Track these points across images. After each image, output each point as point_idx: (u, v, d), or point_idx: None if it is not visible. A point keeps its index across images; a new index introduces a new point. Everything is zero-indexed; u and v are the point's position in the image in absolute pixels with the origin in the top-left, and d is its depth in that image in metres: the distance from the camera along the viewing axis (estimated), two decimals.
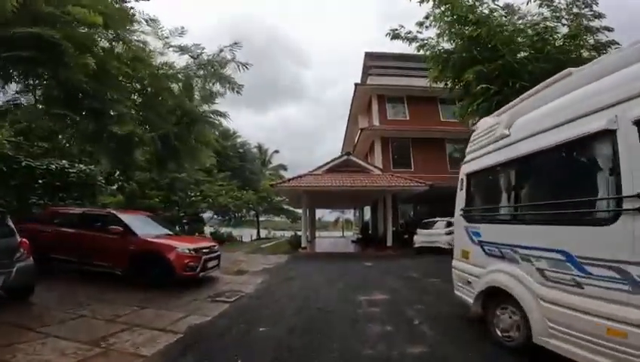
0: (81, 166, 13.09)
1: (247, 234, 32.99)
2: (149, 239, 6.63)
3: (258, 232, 34.97)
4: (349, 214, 41.82)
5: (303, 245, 15.60)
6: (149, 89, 8.42)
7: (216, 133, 31.33)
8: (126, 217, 7.11)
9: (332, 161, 16.28)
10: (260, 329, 4.30)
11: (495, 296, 3.47)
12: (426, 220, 13.99)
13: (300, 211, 21.69)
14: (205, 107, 10.48)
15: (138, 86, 7.79)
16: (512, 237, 3.21)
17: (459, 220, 4.32)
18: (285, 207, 32.02)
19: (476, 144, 4.31)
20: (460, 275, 4.23)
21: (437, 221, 13.69)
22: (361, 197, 18.38)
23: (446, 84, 10.18)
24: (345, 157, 16.35)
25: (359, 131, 21.01)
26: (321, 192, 15.75)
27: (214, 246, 7.57)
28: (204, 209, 17.99)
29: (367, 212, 27.33)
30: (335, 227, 48.46)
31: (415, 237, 13.55)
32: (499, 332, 3.44)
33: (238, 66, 8.30)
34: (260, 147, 41.06)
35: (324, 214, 44.64)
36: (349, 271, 8.97)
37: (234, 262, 11.25)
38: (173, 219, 15.48)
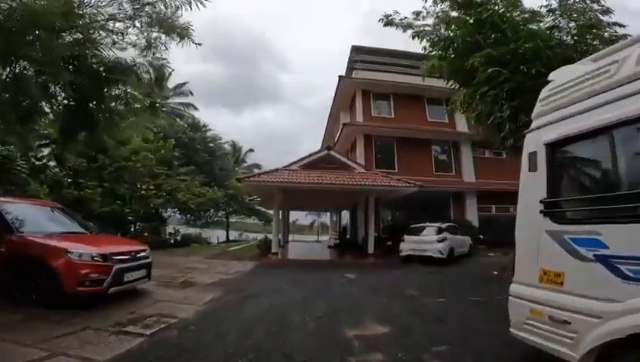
0: None
1: (217, 236, 30.33)
2: (29, 238, 4.39)
3: (227, 234, 32.39)
4: (325, 218, 40.02)
5: (273, 250, 13.49)
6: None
7: (185, 125, 28.79)
8: (5, 207, 4.82)
9: (310, 155, 14.31)
10: None
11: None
12: (413, 225, 12.36)
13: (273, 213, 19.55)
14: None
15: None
16: None
17: (533, 220, 2.54)
18: (258, 207, 29.65)
19: (561, 98, 2.60)
20: (540, 310, 2.42)
21: (426, 226, 12.12)
22: (342, 197, 16.58)
23: (441, 76, 9.18)
24: (325, 152, 14.43)
25: (341, 127, 19.33)
26: (296, 190, 13.77)
27: (141, 251, 5.39)
28: (157, 205, 15.34)
29: (345, 216, 25.68)
30: (310, 231, 46.41)
31: (402, 245, 11.86)
32: None
33: (190, 2, 6.16)
34: (234, 145, 38.78)
35: (298, 217, 42.59)
36: (328, 286, 7.04)
37: (184, 269, 9.01)
38: (117, 217, 12.86)
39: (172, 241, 19.88)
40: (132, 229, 16.21)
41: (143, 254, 5.37)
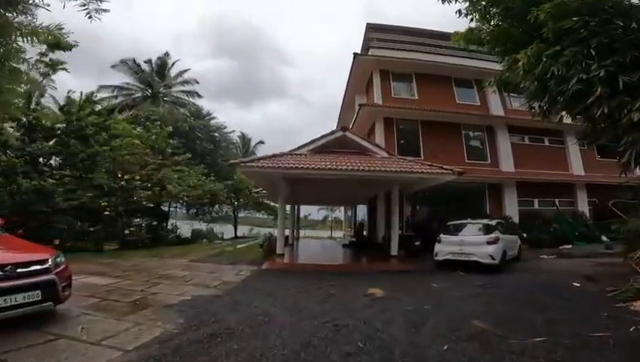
0: None
1: (222, 232, 28.62)
2: None
3: (235, 230, 30.63)
4: (339, 213, 37.79)
5: (278, 251, 11.24)
6: None
7: (187, 113, 26.90)
8: None
9: (322, 137, 11.88)
10: None
11: None
12: (452, 223, 9.84)
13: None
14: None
15: None
16: None
17: None
18: (267, 201, 27.60)
19: None
20: None
21: (467, 224, 9.62)
22: (359, 188, 14.20)
23: (481, 43, 7.78)
24: (340, 134, 12.00)
25: (357, 109, 16.91)
26: (305, 180, 11.50)
27: (30, 263, 3.26)
28: (143, 198, 13.33)
29: (361, 210, 23.30)
30: (323, 226, 44.25)
31: (437, 246, 9.37)
32: None
33: None
34: (243, 136, 37.29)
35: (310, 212, 40.53)
36: (347, 315, 4.67)
37: (154, 278, 6.85)
38: (93, 211, 10.84)
39: (174, 238, 18.08)
40: (124, 227, 14.27)
41: (34, 268, 3.21)
